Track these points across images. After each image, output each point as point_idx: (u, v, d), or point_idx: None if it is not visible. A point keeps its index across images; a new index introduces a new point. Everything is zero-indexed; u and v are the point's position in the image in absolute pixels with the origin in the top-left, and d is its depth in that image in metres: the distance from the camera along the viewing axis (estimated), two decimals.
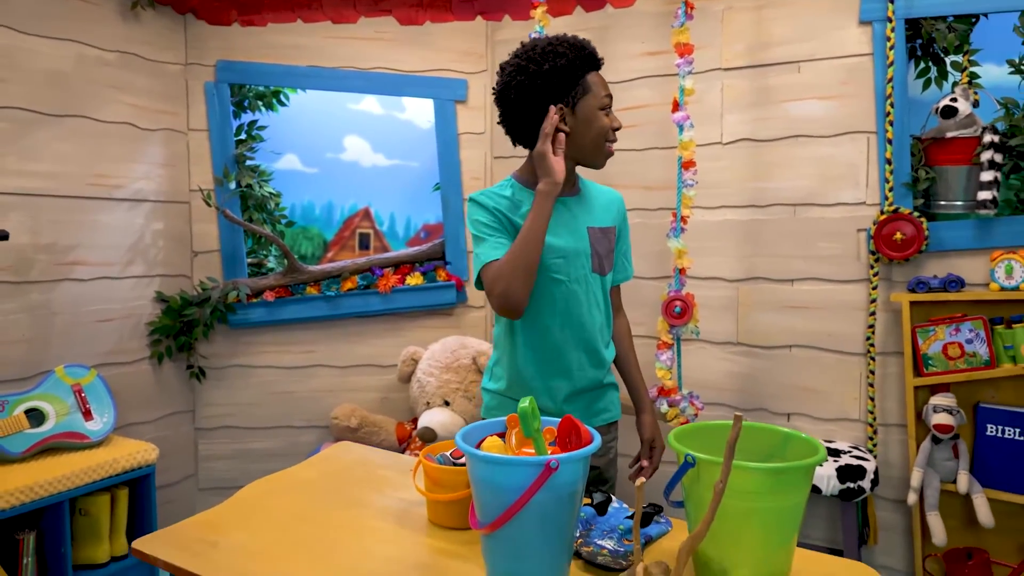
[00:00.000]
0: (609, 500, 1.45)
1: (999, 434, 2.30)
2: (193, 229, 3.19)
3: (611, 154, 1.68)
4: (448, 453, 1.49)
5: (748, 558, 1.15)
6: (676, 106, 2.52)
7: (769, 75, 2.69)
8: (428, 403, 3.00)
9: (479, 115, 3.32)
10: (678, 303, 2.52)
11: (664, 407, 2.54)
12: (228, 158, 3.16)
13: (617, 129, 1.67)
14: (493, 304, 1.57)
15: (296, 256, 3.28)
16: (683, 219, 2.53)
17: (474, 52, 3.29)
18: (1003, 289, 2.29)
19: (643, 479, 1.07)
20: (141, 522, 2.74)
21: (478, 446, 1.26)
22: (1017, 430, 2.27)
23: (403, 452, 3.14)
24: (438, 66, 3.27)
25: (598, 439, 1.22)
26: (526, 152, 1.71)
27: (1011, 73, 2.38)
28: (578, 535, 1.34)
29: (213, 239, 3.20)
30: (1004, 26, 2.36)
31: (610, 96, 1.66)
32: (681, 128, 2.52)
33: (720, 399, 2.80)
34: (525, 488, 1.14)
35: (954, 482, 2.34)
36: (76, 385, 2.67)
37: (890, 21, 2.44)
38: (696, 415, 2.57)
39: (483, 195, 1.68)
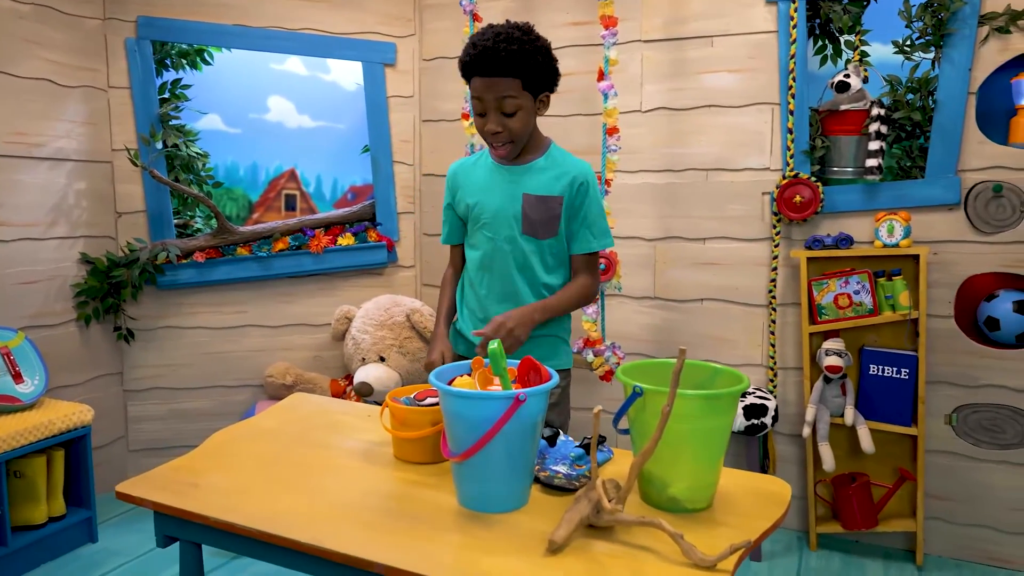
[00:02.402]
0: (558, 434, 1.62)
1: (880, 373, 2.63)
2: (116, 189, 3.14)
3: (500, 154, 1.82)
4: (412, 396, 1.63)
5: (685, 473, 1.35)
6: (601, 75, 2.68)
7: (685, 48, 2.89)
8: (363, 359, 3.10)
9: (408, 79, 3.38)
10: (603, 260, 2.71)
11: (590, 356, 2.74)
12: (152, 117, 3.11)
13: (493, 133, 1.75)
14: None
15: (211, 216, 3.28)
16: (607, 182, 2.72)
17: (402, 16, 3.35)
18: (885, 246, 2.59)
19: (599, 408, 1.25)
20: (78, 482, 2.75)
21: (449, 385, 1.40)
22: (895, 369, 2.61)
23: None
24: (366, 29, 3.31)
25: (556, 377, 1.39)
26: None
27: (895, 53, 2.66)
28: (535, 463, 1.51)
29: (138, 200, 3.16)
30: (891, 10, 2.64)
31: (480, 100, 1.73)
32: (606, 96, 2.68)
33: (639, 349, 3.04)
34: (496, 419, 1.29)
35: (842, 416, 2.66)
36: (3, 348, 2.64)
37: (793, 2, 2.67)
38: (618, 363, 2.79)
39: (452, 168, 2.01)
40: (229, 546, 1.39)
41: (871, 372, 2.65)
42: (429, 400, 1.60)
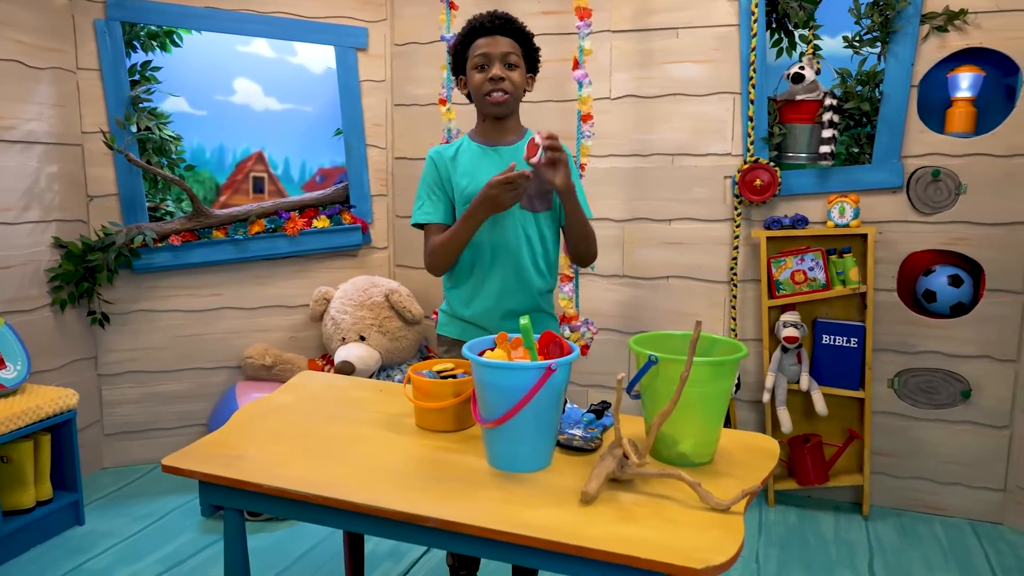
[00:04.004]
0: (565, 402, 1.77)
1: (832, 342, 2.87)
2: (88, 173, 3.11)
3: (496, 103, 1.91)
4: (437, 370, 1.75)
5: (692, 431, 1.51)
6: (576, 65, 2.81)
7: (652, 39, 3.05)
8: (344, 339, 3.18)
9: (380, 63, 3.44)
10: None
11: (567, 332, 2.90)
12: (123, 99, 3.09)
13: (494, 80, 1.88)
14: (424, 260, 1.98)
15: (182, 199, 3.29)
16: (582, 167, 2.86)
17: (374, 1, 3.40)
18: (837, 226, 2.82)
19: (622, 375, 1.39)
20: (64, 466, 2.77)
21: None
22: (845, 338, 2.85)
23: None
24: (338, 13, 3.35)
25: (577, 350, 1.53)
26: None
27: (845, 47, 2.88)
28: None
29: (109, 183, 3.14)
30: (841, 7, 2.85)
31: (485, 55, 1.89)
32: (580, 85, 2.82)
33: (609, 324, 3.22)
34: (529, 388, 1.43)
35: (798, 382, 2.89)
36: None
37: None
38: (592, 338, 2.95)
39: (436, 152, 2.01)
40: (277, 511, 1.49)
41: (824, 341, 2.89)
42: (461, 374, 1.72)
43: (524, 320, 1.48)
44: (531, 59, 1.97)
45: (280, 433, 1.70)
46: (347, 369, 3.08)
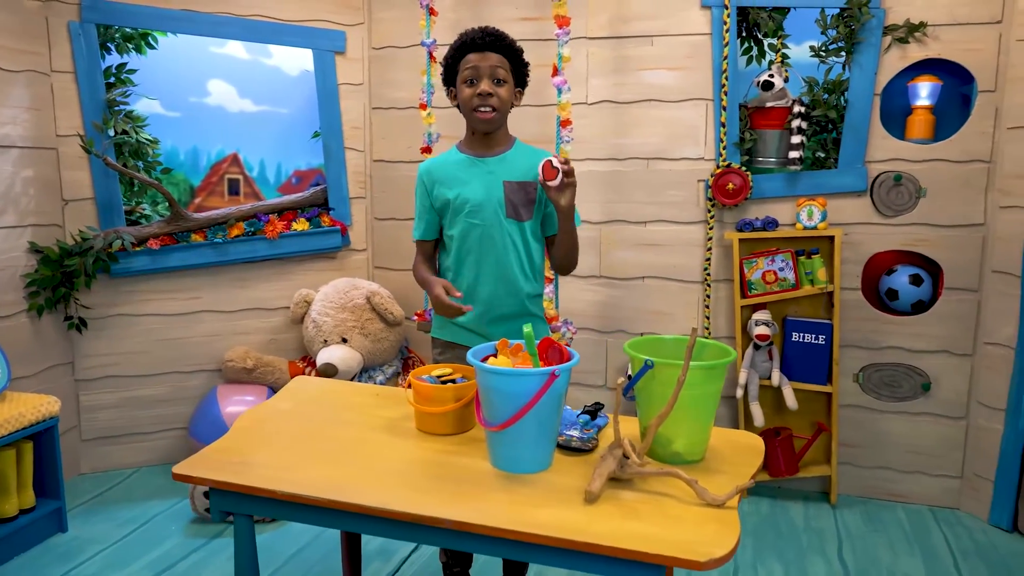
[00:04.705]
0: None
1: (801, 339, 3.00)
2: (63, 176, 3.08)
3: (484, 119, 1.98)
4: (436, 375, 1.80)
5: (685, 431, 1.60)
6: (555, 71, 2.88)
7: (627, 46, 3.13)
8: (326, 341, 3.21)
9: (358, 66, 3.47)
10: None
11: (548, 333, 2.97)
12: (99, 102, 3.07)
13: (482, 95, 1.95)
14: None
15: (158, 202, 3.28)
16: None
17: (351, 5, 3.42)
18: (805, 228, 2.95)
19: (622, 379, 1.47)
20: (46, 474, 2.75)
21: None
22: (813, 336, 2.98)
23: None
24: (315, 16, 3.36)
25: (577, 356, 1.60)
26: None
27: (812, 56, 3.00)
28: None
29: (85, 187, 3.12)
30: (808, 18, 2.97)
31: (475, 69, 1.96)
32: (560, 91, 2.89)
33: (587, 324, 3.30)
34: (534, 393, 1.49)
35: (769, 378, 3.02)
36: None
37: (726, 8, 2.96)
38: (572, 338, 3.03)
39: (424, 169, 2.10)
40: (288, 515, 1.53)
41: (793, 339, 3.01)
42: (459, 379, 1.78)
43: (527, 328, 1.55)
44: (519, 74, 2.04)
45: (285, 439, 1.74)
46: (330, 371, 3.11)
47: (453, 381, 1.80)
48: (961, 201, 2.87)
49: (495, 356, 1.64)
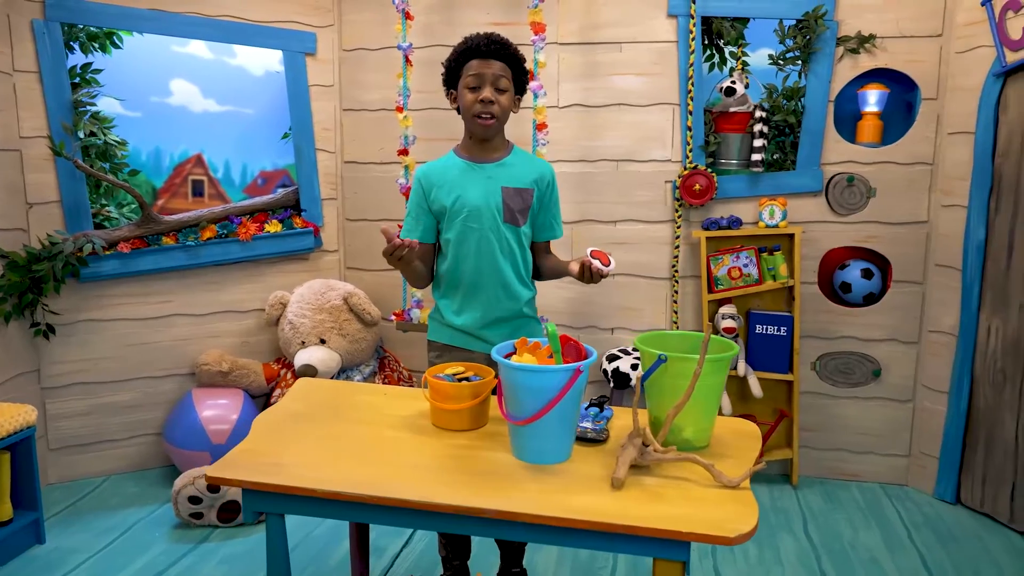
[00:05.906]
0: None
1: (765, 331, 3.18)
2: (27, 179, 2.99)
3: (484, 126, 2.05)
4: (451, 373, 1.87)
5: (692, 419, 1.72)
6: (532, 76, 2.97)
7: (597, 52, 3.24)
8: (303, 342, 3.22)
9: (328, 68, 3.47)
10: None
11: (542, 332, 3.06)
12: (64, 103, 2.99)
13: (484, 102, 2.02)
14: None
15: (124, 204, 3.23)
16: None
17: (321, 6, 3.42)
18: (768, 226, 3.13)
19: (639, 374, 1.57)
20: (22, 484, 2.69)
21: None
22: (776, 327, 3.16)
23: (272, 391, 3.33)
24: (284, 17, 3.36)
25: (594, 353, 1.70)
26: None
27: (770, 64, 3.18)
28: None
29: (50, 189, 3.04)
30: (767, 28, 3.15)
31: (478, 76, 2.02)
32: (536, 95, 2.98)
33: (561, 320, 3.41)
34: (560, 388, 1.58)
35: (735, 368, 3.19)
36: None
37: (692, 17, 3.10)
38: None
39: (422, 172, 2.15)
40: (323, 512, 1.58)
41: (757, 331, 3.19)
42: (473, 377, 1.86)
43: (552, 327, 1.64)
44: (520, 82, 2.11)
45: (309, 439, 1.78)
46: (309, 373, 3.12)
47: (467, 379, 1.87)
48: (907, 200, 3.10)
49: (515, 353, 1.73)
